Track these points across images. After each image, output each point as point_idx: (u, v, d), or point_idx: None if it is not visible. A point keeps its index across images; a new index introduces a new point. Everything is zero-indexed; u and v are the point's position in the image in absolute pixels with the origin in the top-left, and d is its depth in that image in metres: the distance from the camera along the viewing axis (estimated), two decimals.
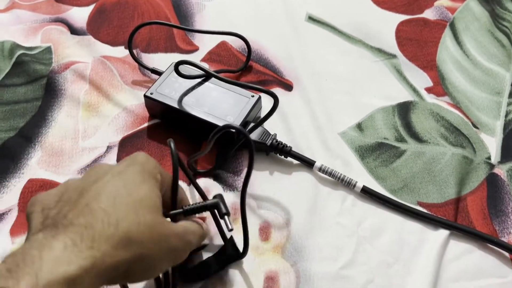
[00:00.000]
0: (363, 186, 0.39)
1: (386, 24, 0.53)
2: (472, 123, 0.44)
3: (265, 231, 0.37)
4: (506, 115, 0.45)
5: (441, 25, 0.53)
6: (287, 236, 0.37)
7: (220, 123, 0.40)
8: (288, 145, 0.41)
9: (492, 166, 0.41)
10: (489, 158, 0.42)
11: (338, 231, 0.37)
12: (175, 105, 0.41)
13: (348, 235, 0.37)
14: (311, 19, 0.53)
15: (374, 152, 0.42)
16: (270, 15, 0.53)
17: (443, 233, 0.37)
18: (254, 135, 0.41)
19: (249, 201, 0.39)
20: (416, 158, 0.42)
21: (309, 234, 0.37)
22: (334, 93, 0.47)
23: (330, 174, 0.39)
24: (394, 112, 0.45)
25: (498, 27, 0.52)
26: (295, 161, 0.41)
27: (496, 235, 0.37)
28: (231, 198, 0.39)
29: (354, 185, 0.39)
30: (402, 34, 0.52)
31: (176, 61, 0.42)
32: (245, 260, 0.35)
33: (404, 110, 0.45)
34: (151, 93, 0.42)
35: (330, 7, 0.54)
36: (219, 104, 0.42)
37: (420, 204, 0.39)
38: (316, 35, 0.52)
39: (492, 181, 0.40)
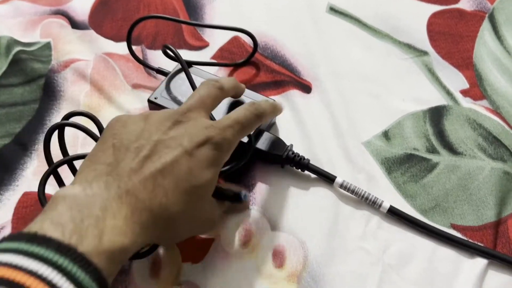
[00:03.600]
0: (390, 206, 0.35)
1: (416, 16, 0.47)
2: None
3: (279, 256, 0.33)
4: None
5: (479, 16, 0.47)
6: (303, 262, 0.33)
7: None
8: (305, 158, 0.37)
9: None
10: None
11: (361, 258, 0.33)
12: None
13: (373, 263, 0.33)
14: (333, 10, 0.48)
15: (403, 165, 0.38)
16: (287, 6, 0.49)
17: (481, 262, 0.33)
18: (267, 146, 0.37)
19: (261, 220, 0.35)
20: (449, 173, 0.37)
21: (328, 261, 0.33)
22: (357, 96, 0.42)
23: (353, 191, 0.35)
24: (425, 118, 0.40)
25: None
26: (313, 175, 0.37)
27: None
28: (243, 216, 0.35)
29: (380, 205, 0.35)
30: (435, 28, 0.46)
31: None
32: None
33: (436, 116, 0.40)
34: (155, 98, 0.39)
35: None
36: (229, 110, 0.37)
37: (454, 226, 0.35)
38: (338, 29, 0.47)
39: None
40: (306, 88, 0.43)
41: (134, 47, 0.46)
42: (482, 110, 0.40)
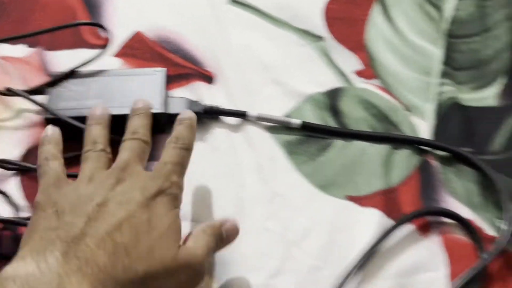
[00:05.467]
0: (303, 122, 0.40)
1: (314, 2, 0.49)
2: (404, 106, 0.42)
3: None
4: (439, 97, 0.43)
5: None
6: None
7: None
8: (214, 105, 0.40)
9: (424, 152, 0.40)
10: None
11: (266, 238, 0.35)
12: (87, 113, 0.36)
13: (276, 241, 0.35)
14: (234, 1, 0.49)
15: (302, 146, 0.40)
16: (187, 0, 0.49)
17: (376, 226, 0.35)
18: (182, 109, 0.36)
19: None
20: (344, 149, 0.40)
21: (233, 245, 0.34)
22: (260, 85, 0.43)
23: (268, 120, 0.40)
24: (323, 100, 0.42)
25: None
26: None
27: (429, 227, 0.36)
28: None
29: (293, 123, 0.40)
30: (332, 14, 0.49)
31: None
32: None
33: (332, 98, 0.42)
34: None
35: None
36: (129, 93, 0.38)
37: (349, 198, 0.37)
38: (239, 20, 0.48)
39: (425, 169, 0.39)
40: (209, 78, 0.43)
41: (31, 49, 0.44)
42: (374, 88, 0.43)
